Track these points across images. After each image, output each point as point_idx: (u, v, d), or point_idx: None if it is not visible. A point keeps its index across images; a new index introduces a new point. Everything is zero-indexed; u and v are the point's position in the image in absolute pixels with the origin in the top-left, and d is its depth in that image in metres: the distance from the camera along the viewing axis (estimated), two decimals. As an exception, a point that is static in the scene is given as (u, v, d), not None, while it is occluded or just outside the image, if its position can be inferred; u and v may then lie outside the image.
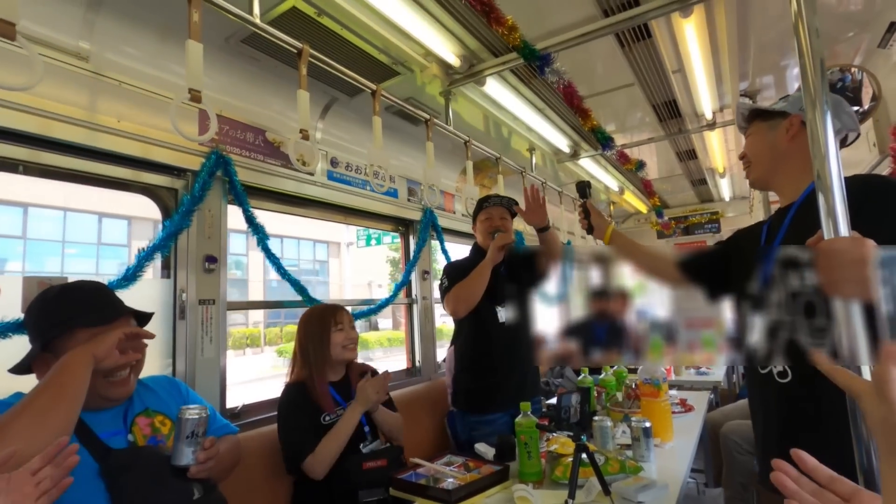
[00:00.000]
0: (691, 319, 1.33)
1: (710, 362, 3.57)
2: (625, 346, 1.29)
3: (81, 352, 1.06)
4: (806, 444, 1.09)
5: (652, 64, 2.44)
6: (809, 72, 0.83)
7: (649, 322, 1.31)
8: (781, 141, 1.23)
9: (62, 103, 1.52)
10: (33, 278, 1.44)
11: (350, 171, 2.58)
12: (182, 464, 1.12)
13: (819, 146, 0.81)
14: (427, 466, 1.59)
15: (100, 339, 1.10)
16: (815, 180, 0.82)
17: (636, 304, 1.32)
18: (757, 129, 1.31)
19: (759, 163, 1.31)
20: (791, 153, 1.22)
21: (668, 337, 1.26)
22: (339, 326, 1.82)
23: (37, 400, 0.98)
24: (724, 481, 2.72)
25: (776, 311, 1.07)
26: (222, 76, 1.98)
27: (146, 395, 1.29)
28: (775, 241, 1.20)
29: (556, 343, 1.33)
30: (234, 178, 1.92)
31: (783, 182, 1.26)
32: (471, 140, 2.69)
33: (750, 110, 1.32)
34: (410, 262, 2.98)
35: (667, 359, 1.36)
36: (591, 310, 1.37)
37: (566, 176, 4.40)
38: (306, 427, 1.65)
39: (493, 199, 2.27)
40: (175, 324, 1.80)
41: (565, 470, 1.47)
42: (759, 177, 1.33)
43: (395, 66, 2.20)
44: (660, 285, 1.53)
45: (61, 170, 1.59)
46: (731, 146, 4.00)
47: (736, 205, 6.04)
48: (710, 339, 1.30)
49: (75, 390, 1.01)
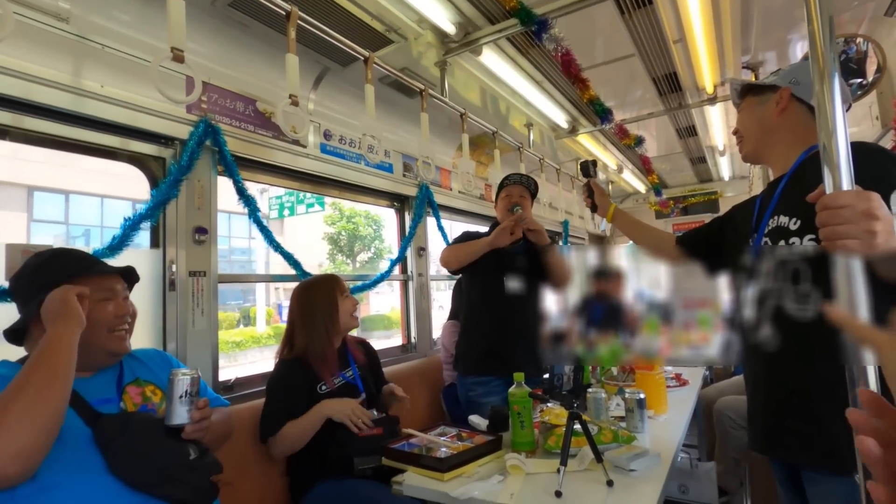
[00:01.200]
0: (688, 300, 1.36)
1: (706, 341, 3.58)
2: (621, 327, 1.31)
3: (65, 326, 1.04)
4: (794, 411, 1.11)
5: (653, 32, 2.38)
6: (818, 39, 0.78)
7: (646, 303, 1.33)
8: (771, 114, 1.23)
9: (44, 66, 1.47)
10: (17, 246, 1.41)
11: (344, 145, 2.53)
12: (176, 423, 1.11)
13: (826, 119, 0.76)
14: (420, 437, 1.59)
15: (74, 306, 1.08)
16: (820, 153, 0.78)
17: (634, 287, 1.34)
18: (748, 104, 1.31)
19: (750, 137, 1.31)
20: (781, 126, 1.22)
21: (664, 317, 1.30)
22: (346, 294, 1.86)
23: (31, 379, 0.97)
24: (717, 456, 2.75)
25: (765, 280, 1.12)
26: (210, 42, 1.92)
27: (136, 366, 1.28)
28: (766, 212, 1.20)
29: (557, 321, 1.35)
30: (223, 147, 1.87)
31: (775, 155, 1.27)
32: (467, 113, 2.64)
33: (742, 86, 1.33)
34: (406, 238, 2.96)
35: (662, 338, 1.36)
36: (590, 291, 1.41)
37: (564, 154, 4.35)
38: (284, 407, 1.66)
39: (513, 177, 2.30)
40: (165, 296, 1.78)
41: (558, 440, 1.46)
42: (750, 151, 1.33)
43: (389, 33, 2.14)
44: (661, 263, 1.58)
45: (46, 136, 1.54)
46: (732, 122, 3.94)
47: (735, 184, 6.00)
48: (707, 319, 1.31)
49: (66, 366, 1.01)
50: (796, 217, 1.09)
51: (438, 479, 1.35)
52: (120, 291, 1.23)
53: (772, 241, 1.15)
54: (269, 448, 1.65)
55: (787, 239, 1.10)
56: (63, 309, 1.05)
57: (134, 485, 1.05)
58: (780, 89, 1.21)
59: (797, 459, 1.14)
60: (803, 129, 1.17)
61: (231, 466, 1.23)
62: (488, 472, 1.40)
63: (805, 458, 1.10)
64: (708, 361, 2.82)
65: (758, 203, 1.28)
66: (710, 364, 3.30)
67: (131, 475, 1.05)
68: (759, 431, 1.21)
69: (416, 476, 1.40)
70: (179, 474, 1.11)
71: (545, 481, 1.30)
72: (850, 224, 0.72)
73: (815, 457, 1.06)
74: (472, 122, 2.72)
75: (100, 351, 1.17)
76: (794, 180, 1.16)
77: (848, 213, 0.72)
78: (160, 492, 1.07)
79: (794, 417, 1.10)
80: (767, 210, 1.20)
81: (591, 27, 2.36)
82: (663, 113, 3.49)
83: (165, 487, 1.08)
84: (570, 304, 1.54)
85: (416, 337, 3.01)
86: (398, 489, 1.37)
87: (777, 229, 1.14)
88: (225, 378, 1.97)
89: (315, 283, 1.89)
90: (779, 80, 1.24)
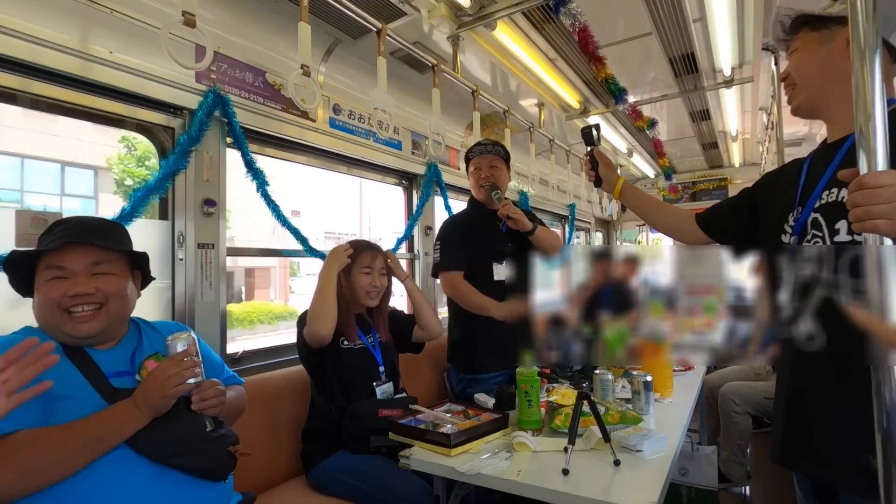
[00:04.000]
0: (692, 286, 1.27)
1: (710, 328, 3.56)
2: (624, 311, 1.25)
3: (138, 415, 1.04)
4: (827, 399, 0.96)
5: (672, 10, 2.31)
6: (861, 14, 0.72)
7: (650, 289, 1.27)
8: (837, 56, 0.97)
9: (51, 30, 1.44)
10: (26, 212, 1.40)
11: (353, 120, 2.50)
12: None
13: (864, 101, 0.71)
14: (427, 413, 1.59)
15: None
16: (856, 137, 0.73)
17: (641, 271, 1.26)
18: (805, 41, 1.04)
19: (806, 85, 1.05)
20: (850, 73, 0.98)
21: (668, 303, 1.17)
22: (367, 269, 1.82)
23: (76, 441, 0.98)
24: (721, 442, 2.76)
25: (811, 265, 0.89)
26: (220, 10, 1.88)
27: (156, 338, 1.27)
28: (820, 183, 0.99)
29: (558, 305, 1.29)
30: (233, 118, 1.85)
31: (836, 110, 1.01)
32: (479, 90, 2.59)
33: (797, 16, 1.05)
34: (413, 216, 2.94)
35: (667, 324, 1.29)
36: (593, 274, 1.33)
37: (573, 136, 4.29)
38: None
39: (476, 148, 2.18)
40: (174, 267, 1.78)
41: (565, 419, 1.47)
42: (805, 101, 1.06)
43: (402, 5, 2.09)
44: (678, 243, 1.42)
45: (54, 101, 1.52)
46: (748, 107, 3.87)
47: (746, 171, 5.92)
48: (711, 305, 1.27)
49: (100, 452, 1.01)
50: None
51: (445, 454, 1.36)
52: (79, 268, 1.10)
53: (825, 219, 0.95)
54: (308, 339, 1.66)
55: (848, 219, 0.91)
56: (160, 393, 1.05)
57: (152, 456, 1.06)
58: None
59: (830, 477, 0.97)
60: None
61: (242, 437, 1.24)
62: (495, 448, 1.41)
63: (838, 477, 0.94)
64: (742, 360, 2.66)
65: (805, 169, 1.06)
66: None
67: (150, 447, 1.05)
68: (781, 440, 1.06)
69: (423, 451, 1.41)
70: (198, 445, 1.12)
71: (552, 459, 1.31)
72: (887, 204, 0.69)
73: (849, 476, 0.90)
74: (482, 101, 2.67)
75: (60, 333, 1.09)
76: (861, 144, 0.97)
77: (887, 193, 0.69)
78: (179, 462, 1.08)
79: (828, 431, 0.95)
80: (822, 180, 0.99)
81: (609, 3, 2.29)
82: (678, 95, 3.42)
83: (184, 458, 1.09)
84: (574, 287, 1.48)
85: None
86: (405, 463, 1.38)
87: (834, 205, 0.94)
88: (233, 351, 1.98)
89: (335, 251, 1.81)
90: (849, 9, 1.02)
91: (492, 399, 1.79)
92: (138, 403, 1.04)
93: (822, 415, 0.97)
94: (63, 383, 1.01)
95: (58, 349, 1.02)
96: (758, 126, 4.38)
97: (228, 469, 1.19)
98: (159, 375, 1.06)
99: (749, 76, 3.07)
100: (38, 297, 1.10)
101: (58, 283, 1.08)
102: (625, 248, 5.81)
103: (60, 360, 1.02)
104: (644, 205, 1.48)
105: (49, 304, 1.07)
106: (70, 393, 1.04)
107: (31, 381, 0.84)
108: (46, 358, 0.86)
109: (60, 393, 1.00)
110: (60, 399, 1.02)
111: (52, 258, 1.09)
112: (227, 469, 1.18)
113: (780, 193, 1.10)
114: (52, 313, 1.08)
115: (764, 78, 3.18)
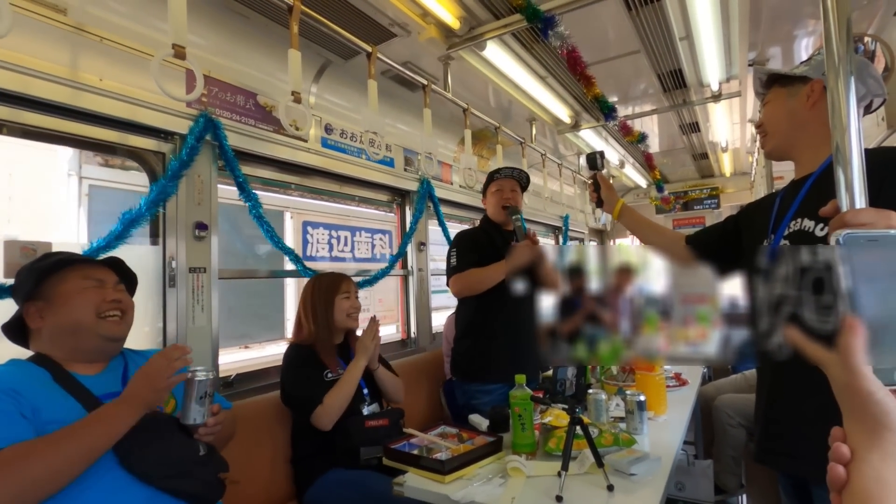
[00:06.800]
0: (687, 295, 1.31)
1: (704, 338, 3.59)
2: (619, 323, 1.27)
3: (129, 408, 1.05)
4: (800, 399, 1.04)
5: (659, 29, 2.35)
6: (834, 35, 0.76)
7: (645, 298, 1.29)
8: (801, 108, 1.14)
9: (41, 59, 1.45)
10: (15, 242, 1.40)
11: (345, 139, 2.51)
12: (192, 423, 1.13)
13: (840, 117, 0.75)
14: (420, 437, 1.58)
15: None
16: (833, 153, 0.76)
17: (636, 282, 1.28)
18: (776, 95, 1.21)
19: (776, 131, 1.21)
20: (811, 121, 1.13)
21: (663, 313, 1.22)
22: (346, 294, 1.90)
23: (70, 445, 0.98)
24: (714, 454, 2.76)
25: (782, 285, 1.00)
26: (210, 34, 1.89)
27: (141, 362, 1.26)
28: (788, 214, 1.13)
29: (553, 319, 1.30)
30: (223, 142, 1.85)
31: (802, 152, 1.18)
32: (469, 107, 2.61)
33: (768, 75, 1.23)
34: (407, 233, 2.94)
35: (661, 334, 1.31)
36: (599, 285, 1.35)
37: (566, 148, 4.32)
38: (316, 380, 1.74)
39: (504, 171, 2.26)
40: (165, 292, 1.77)
41: (558, 442, 1.46)
42: (776, 146, 1.23)
43: (392, 27, 2.11)
44: (668, 263, 1.49)
45: (44, 130, 1.52)
46: (736, 119, 3.92)
47: (736, 181, 5.98)
48: (706, 315, 1.28)
49: (97, 451, 1.01)
50: (823, 223, 1.01)
51: (439, 482, 1.35)
52: (109, 281, 1.23)
53: (792, 245, 1.08)
54: (315, 422, 1.68)
55: (811, 245, 1.02)
56: (151, 386, 1.07)
57: (145, 477, 1.05)
58: (812, 81, 1.12)
59: (803, 472, 1.07)
60: None
61: (235, 460, 1.24)
62: (489, 473, 1.40)
63: (810, 472, 1.03)
64: (707, 361, 2.79)
65: (777, 202, 1.20)
66: (710, 363, 3.30)
67: (143, 468, 1.05)
68: (760, 439, 1.18)
69: (416, 477, 1.40)
70: (191, 469, 1.12)
71: (545, 484, 1.30)
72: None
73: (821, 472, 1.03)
74: (474, 118, 2.69)
75: (91, 335, 1.16)
76: (822, 181, 1.08)
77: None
78: (171, 485, 1.08)
79: (801, 429, 1.04)
80: (789, 211, 1.12)
81: (597, 23, 2.33)
82: (667, 109, 3.46)
83: (176, 481, 1.09)
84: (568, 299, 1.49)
85: (416, 332, 3.01)
86: (399, 490, 1.37)
87: (799, 233, 1.07)
88: (225, 374, 1.97)
89: (320, 280, 1.93)
90: (810, 70, 1.14)
91: (486, 421, 1.79)
92: (128, 400, 1.05)
93: (796, 414, 1.07)
94: (53, 407, 1.02)
95: (46, 376, 1.08)
96: (746, 137, 4.43)
97: (218, 495, 1.18)
98: (149, 370, 1.08)
99: (736, 90, 3.11)
100: (69, 305, 1.15)
101: (98, 290, 1.19)
102: (616, 247, 5.85)
103: (50, 386, 1.06)
104: (639, 225, 1.61)
105: (85, 307, 1.16)
106: (61, 417, 1.03)
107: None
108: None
109: (51, 417, 1.00)
110: (52, 424, 1.01)
111: (90, 271, 1.21)
112: (216, 496, 1.18)
113: (758, 222, 1.24)
114: (86, 316, 1.15)
115: (751, 92, 3.22)
